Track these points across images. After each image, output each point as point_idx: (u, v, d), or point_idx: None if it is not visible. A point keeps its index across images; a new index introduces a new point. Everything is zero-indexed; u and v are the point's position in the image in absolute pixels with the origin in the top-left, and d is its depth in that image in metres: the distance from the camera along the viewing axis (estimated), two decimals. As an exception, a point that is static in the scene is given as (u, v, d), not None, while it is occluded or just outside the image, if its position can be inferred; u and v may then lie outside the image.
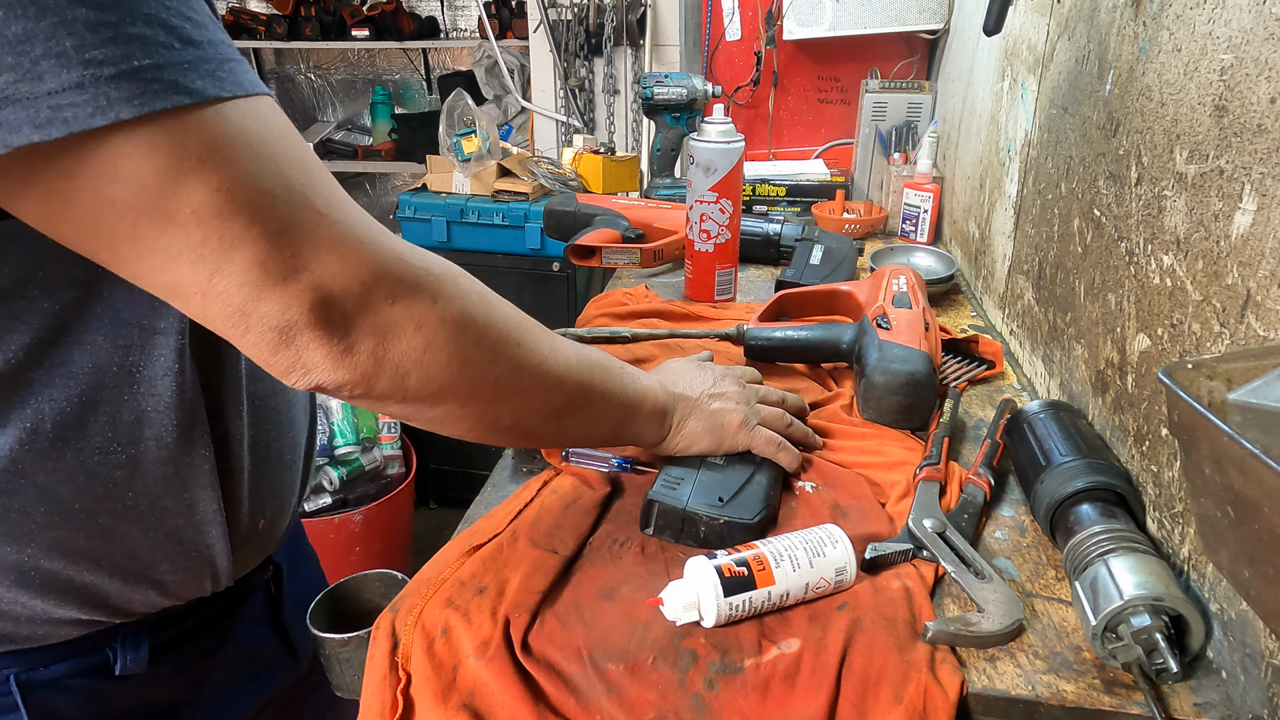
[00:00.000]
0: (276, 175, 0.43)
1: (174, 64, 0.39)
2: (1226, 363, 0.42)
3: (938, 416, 0.84)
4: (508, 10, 3.03)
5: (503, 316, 0.54)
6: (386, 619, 0.59)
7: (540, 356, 0.57)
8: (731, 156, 1.11)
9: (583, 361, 0.61)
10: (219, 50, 0.42)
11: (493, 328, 0.53)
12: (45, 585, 0.54)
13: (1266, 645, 0.52)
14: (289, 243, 0.43)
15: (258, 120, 0.43)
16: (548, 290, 2.24)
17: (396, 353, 0.47)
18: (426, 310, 0.48)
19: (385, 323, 0.46)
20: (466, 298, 0.51)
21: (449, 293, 0.50)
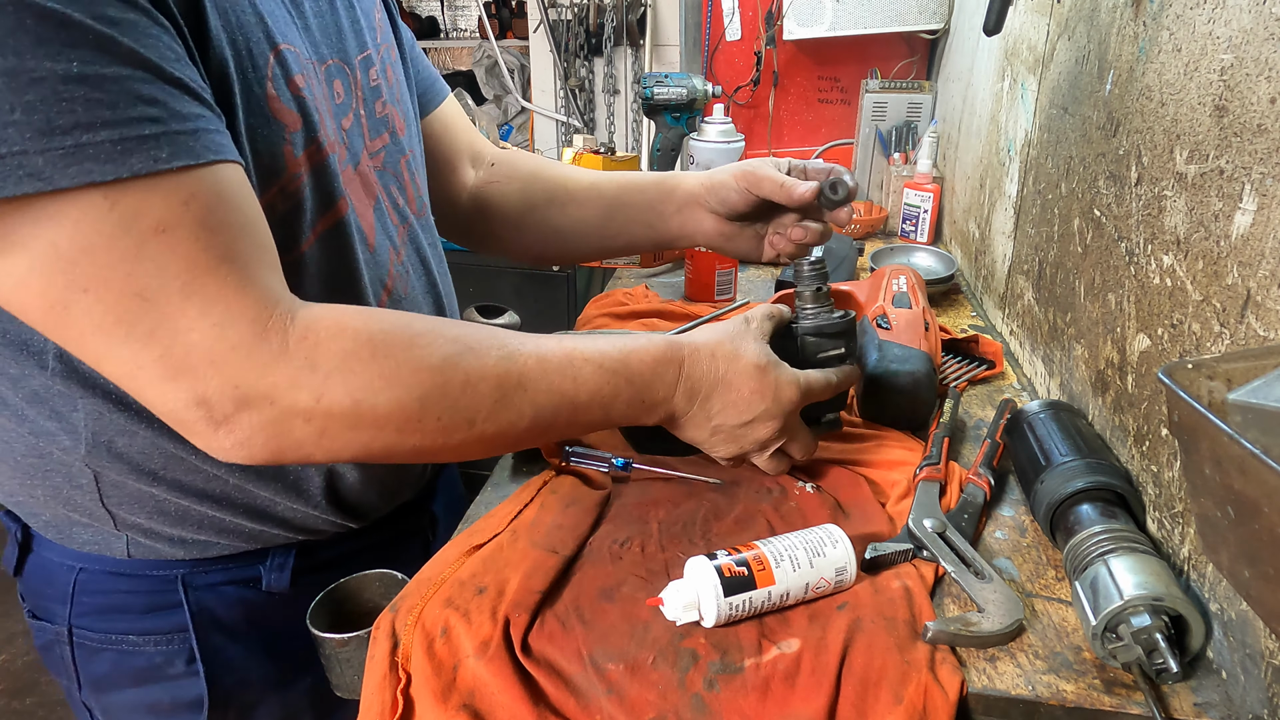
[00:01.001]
0: (148, 278, 0.45)
1: (41, 151, 0.41)
2: (1226, 363, 0.42)
3: (938, 416, 0.84)
4: (508, 10, 3.04)
5: (424, 391, 0.52)
6: (386, 619, 0.59)
7: (482, 424, 0.55)
8: (731, 156, 1.11)
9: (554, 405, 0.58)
10: (106, 130, 0.42)
11: (396, 413, 0.52)
12: (224, 497, 0.64)
13: (1266, 645, 0.52)
14: (166, 352, 0.46)
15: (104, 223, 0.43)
16: (548, 290, 2.24)
17: (292, 440, 0.51)
18: (311, 406, 0.50)
19: (267, 421, 0.49)
20: (359, 380, 0.50)
21: (334, 383, 0.50)
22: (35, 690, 2.05)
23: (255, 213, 0.50)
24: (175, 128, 0.44)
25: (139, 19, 0.44)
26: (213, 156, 0.46)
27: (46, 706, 2.01)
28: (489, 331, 0.57)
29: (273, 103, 0.55)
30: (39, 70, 0.40)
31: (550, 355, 0.58)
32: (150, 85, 0.44)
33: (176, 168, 0.44)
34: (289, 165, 0.57)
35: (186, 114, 0.45)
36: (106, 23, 0.42)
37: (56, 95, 0.40)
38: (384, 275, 0.69)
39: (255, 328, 0.48)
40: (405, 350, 0.52)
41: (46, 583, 0.69)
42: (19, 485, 0.65)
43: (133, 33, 0.43)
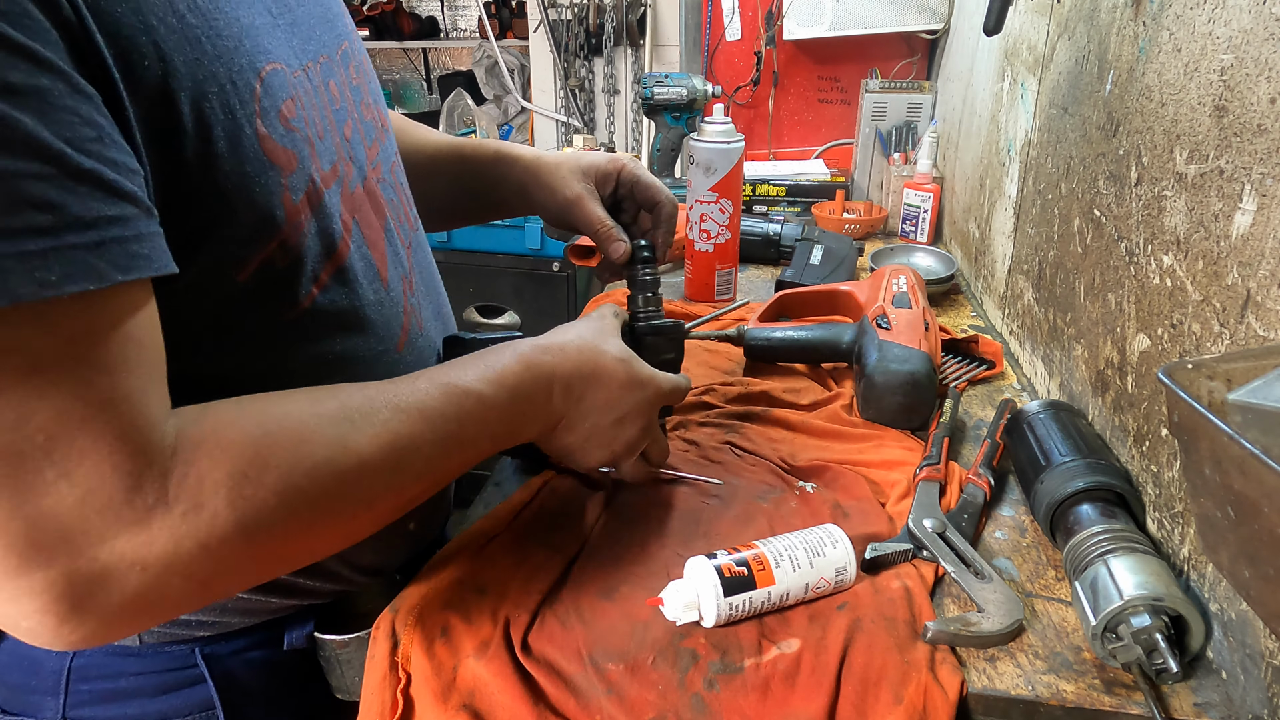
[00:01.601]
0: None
1: None
2: (1226, 363, 0.42)
3: (938, 416, 0.84)
4: (508, 10, 3.04)
5: (323, 487, 0.46)
6: (386, 619, 0.59)
7: (379, 499, 0.51)
8: (731, 156, 1.11)
9: (444, 450, 0.54)
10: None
11: (295, 515, 0.46)
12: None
13: (1266, 645, 0.52)
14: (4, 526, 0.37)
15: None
16: (548, 290, 2.24)
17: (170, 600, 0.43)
18: (192, 551, 0.41)
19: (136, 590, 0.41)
20: (250, 503, 0.43)
21: (222, 518, 0.42)
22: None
23: (154, 336, 0.41)
24: (72, 240, 0.35)
25: (53, 85, 0.35)
26: (120, 276, 0.36)
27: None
28: (369, 394, 0.51)
29: (265, 142, 0.47)
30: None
31: (433, 404, 0.53)
32: (46, 184, 0.34)
33: (68, 294, 0.35)
34: (289, 214, 0.49)
35: (92, 219, 0.36)
36: (4, 94, 0.33)
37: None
38: (400, 314, 0.62)
39: (128, 482, 0.39)
40: (292, 450, 0.45)
41: (29, 673, 0.59)
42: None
43: (38, 107, 0.34)
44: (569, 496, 0.73)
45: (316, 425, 0.47)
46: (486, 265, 2.23)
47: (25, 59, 0.34)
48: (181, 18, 0.42)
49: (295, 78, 0.51)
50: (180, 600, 0.44)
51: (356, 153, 0.59)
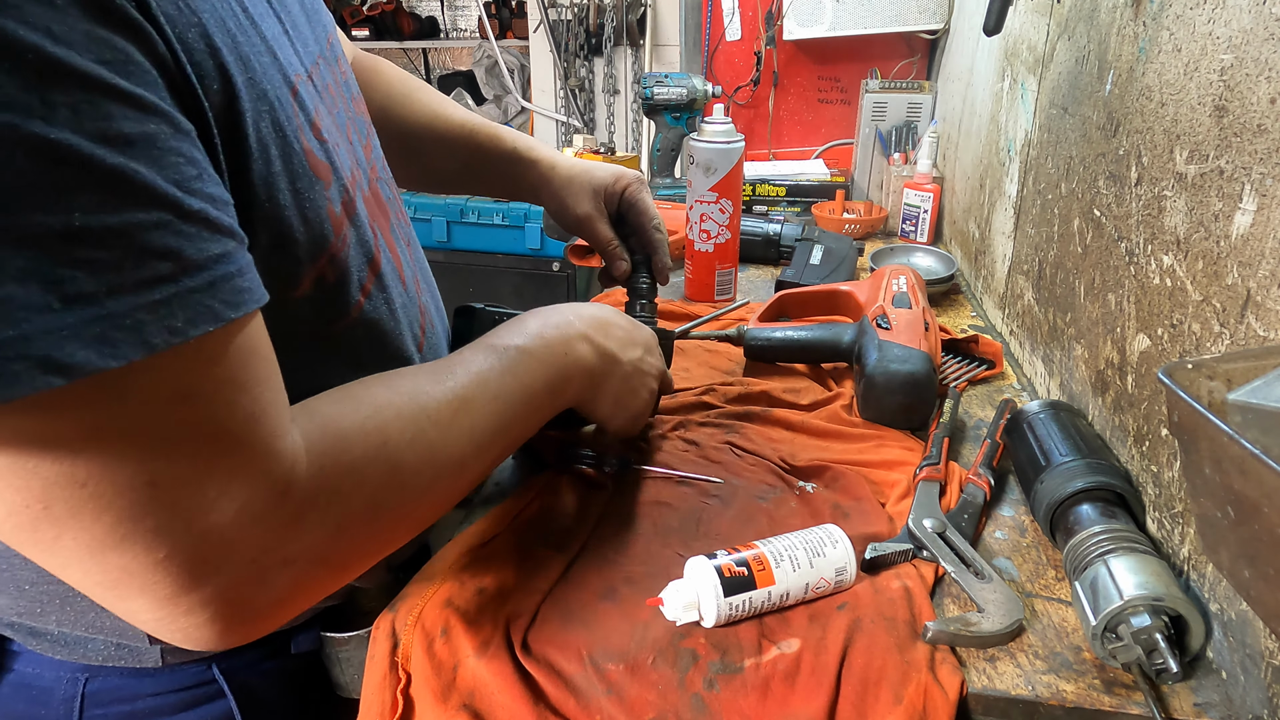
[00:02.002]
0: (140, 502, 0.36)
1: (46, 333, 0.31)
2: (1226, 363, 0.42)
3: (938, 416, 0.84)
4: (508, 10, 3.04)
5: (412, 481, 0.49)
6: (386, 619, 0.59)
7: (469, 467, 0.54)
8: (731, 156, 1.11)
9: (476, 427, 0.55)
10: (109, 302, 0.33)
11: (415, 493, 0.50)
12: None
13: (1266, 645, 0.52)
14: (171, 548, 0.38)
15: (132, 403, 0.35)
16: (548, 290, 2.24)
17: (315, 588, 0.46)
18: (328, 542, 0.45)
19: (290, 578, 0.43)
20: (376, 499, 0.47)
21: (355, 517, 0.46)
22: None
23: (269, 349, 0.43)
24: (189, 284, 0.36)
25: (159, 129, 0.35)
26: (234, 314, 0.37)
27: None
28: (432, 369, 0.54)
29: (309, 157, 0.47)
30: (32, 227, 0.31)
31: (481, 363, 0.56)
32: (164, 231, 0.35)
33: (194, 336, 0.36)
34: (334, 226, 0.50)
35: (204, 260, 0.36)
36: (119, 146, 0.33)
37: (54, 260, 0.32)
38: (418, 314, 0.63)
39: (279, 488, 0.41)
40: (396, 427, 0.48)
41: (36, 703, 0.57)
42: (18, 612, 0.55)
43: (149, 154, 0.34)
44: (569, 496, 0.73)
45: (396, 399, 0.49)
46: (486, 265, 2.23)
47: (134, 107, 0.34)
48: (234, 37, 0.42)
49: (309, 87, 0.51)
50: (324, 587, 0.46)
51: (359, 155, 0.59)
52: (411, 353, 0.61)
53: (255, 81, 0.43)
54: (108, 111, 0.33)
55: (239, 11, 0.43)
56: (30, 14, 0.30)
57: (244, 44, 0.42)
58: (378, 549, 0.50)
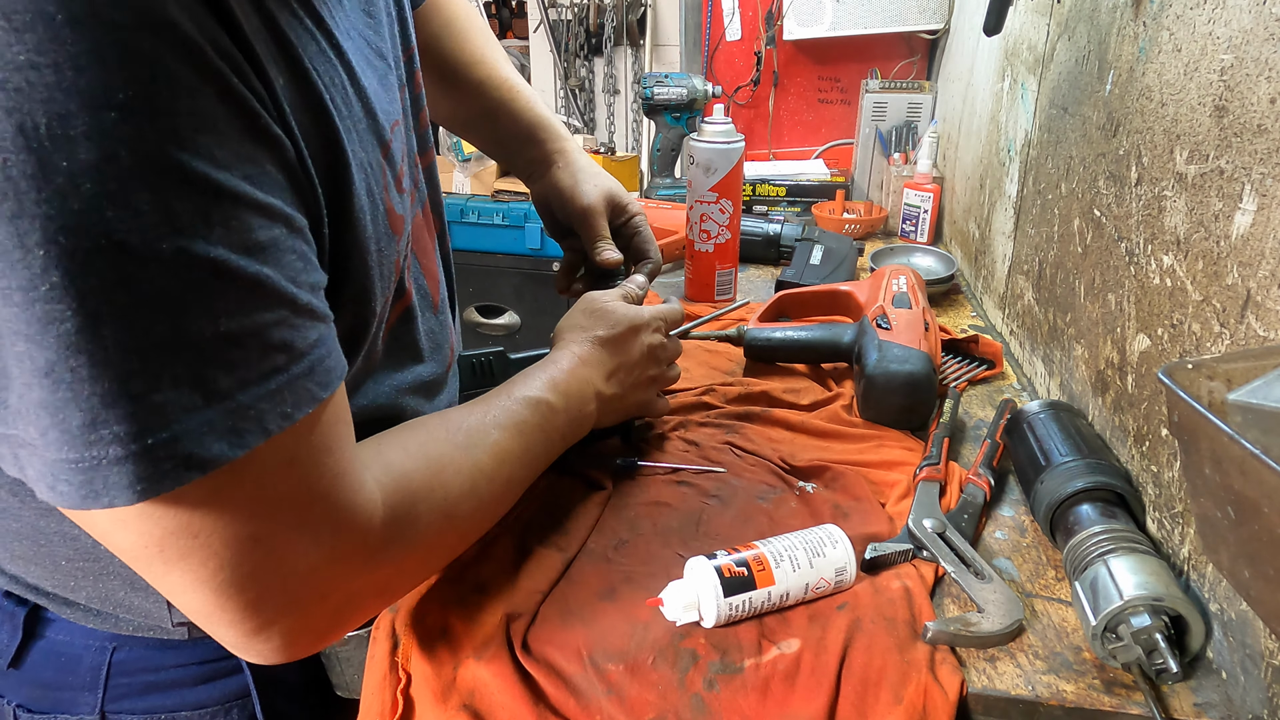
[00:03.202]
0: (257, 559, 0.41)
1: (191, 431, 0.35)
2: (1226, 363, 0.42)
3: (938, 416, 0.84)
4: (508, 10, 3.04)
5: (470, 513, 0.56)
6: (386, 619, 0.59)
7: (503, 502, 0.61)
8: (731, 156, 1.11)
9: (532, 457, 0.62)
10: (240, 394, 0.37)
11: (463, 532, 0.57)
12: None
13: (1266, 645, 0.52)
14: (265, 591, 0.43)
15: (259, 482, 0.40)
16: (548, 290, 2.24)
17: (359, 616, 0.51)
18: (401, 579, 0.53)
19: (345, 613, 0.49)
20: (439, 545, 0.54)
21: (428, 556, 0.53)
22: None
23: (349, 413, 0.47)
24: (297, 371, 0.40)
25: (281, 232, 0.39)
26: (325, 394, 0.42)
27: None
28: (479, 418, 0.59)
29: (390, 216, 0.50)
30: (190, 335, 0.35)
31: (523, 418, 0.61)
32: (283, 329, 0.39)
33: (299, 417, 0.40)
34: (396, 274, 0.54)
35: (307, 347, 0.40)
36: (256, 255, 0.37)
37: (203, 363, 0.36)
38: (448, 336, 0.67)
39: (358, 537, 0.46)
40: (449, 478, 0.53)
41: (65, 670, 0.61)
42: (53, 584, 0.59)
43: (274, 257, 0.38)
44: (569, 496, 0.73)
45: (455, 454, 0.55)
46: (486, 265, 2.23)
47: (265, 216, 0.37)
48: (344, 118, 0.45)
49: (400, 130, 0.54)
50: (377, 611, 0.54)
51: (418, 175, 0.61)
52: (441, 374, 0.66)
53: (357, 153, 0.46)
54: (248, 224, 0.36)
55: (346, 82, 0.46)
56: (201, 144, 0.34)
57: (348, 118, 0.45)
58: (426, 577, 0.58)
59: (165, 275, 0.34)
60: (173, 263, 0.34)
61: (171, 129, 0.33)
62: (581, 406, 0.67)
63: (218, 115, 0.35)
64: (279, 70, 0.40)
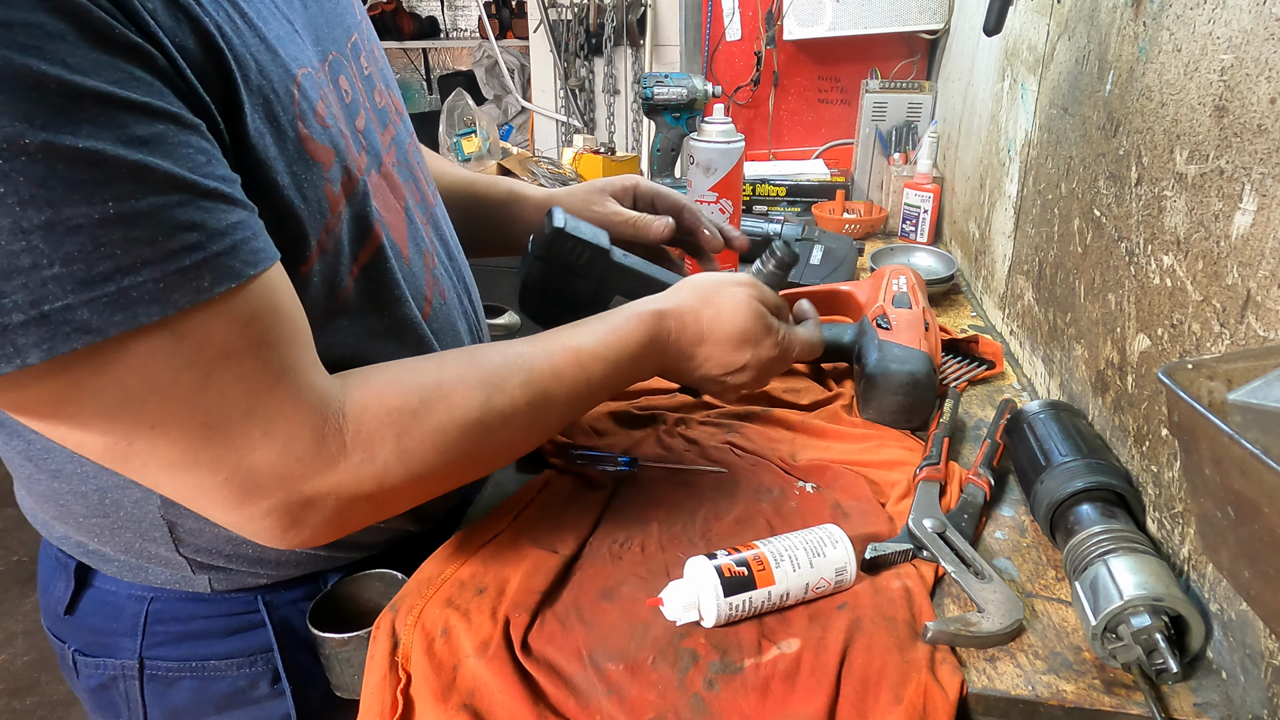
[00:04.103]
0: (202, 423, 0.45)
1: (89, 302, 0.39)
2: (1226, 363, 0.42)
3: (938, 416, 0.84)
4: (508, 10, 3.04)
5: (471, 445, 0.55)
6: (386, 619, 0.59)
7: (519, 441, 0.60)
8: (731, 156, 1.11)
9: (572, 401, 0.61)
10: (148, 269, 0.40)
11: (452, 465, 0.55)
12: None
13: (1266, 645, 0.52)
14: (231, 475, 0.47)
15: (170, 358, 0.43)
16: (548, 290, 2.24)
17: (356, 520, 0.53)
18: (372, 491, 0.52)
19: (331, 514, 0.51)
20: (414, 456, 0.53)
21: (392, 467, 0.52)
22: (35, 690, 2.05)
23: (297, 309, 0.50)
24: (214, 249, 0.43)
25: (167, 129, 0.41)
26: (252, 270, 0.44)
27: (46, 706, 2.01)
28: (506, 358, 0.59)
29: (307, 143, 0.53)
30: (75, 218, 0.38)
31: (563, 367, 0.60)
32: (186, 208, 0.42)
33: (222, 291, 0.43)
34: (331, 206, 0.56)
35: (224, 228, 0.43)
36: (137, 145, 0.40)
37: (95, 241, 0.39)
38: (422, 288, 0.68)
39: (315, 436, 0.49)
40: (446, 412, 0.54)
41: (110, 617, 0.67)
42: (84, 537, 0.64)
43: (163, 149, 0.41)
44: (569, 496, 0.73)
45: (464, 389, 0.55)
46: (487, 265, 2.23)
47: (143, 113, 0.40)
48: (229, 41, 0.47)
49: (319, 78, 0.57)
50: (368, 517, 0.54)
51: (370, 141, 0.63)
52: (417, 319, 0.65)
53: (251, 78, 0.48)
54: (122, 120, 0.40)
55: (236, 17, 0.49)
56: (49, 51, 0.37)
57: (238, 45, 0.48)
58: (420, 500, 0.56)
59: (36, 166, 0.37)
60: (42, 154, 0.37)
61: (12, 40, 0.36)
62: (632, 374, 0.65)
63: (61, 28, 0.38)
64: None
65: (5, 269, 0.37)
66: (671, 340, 0.66)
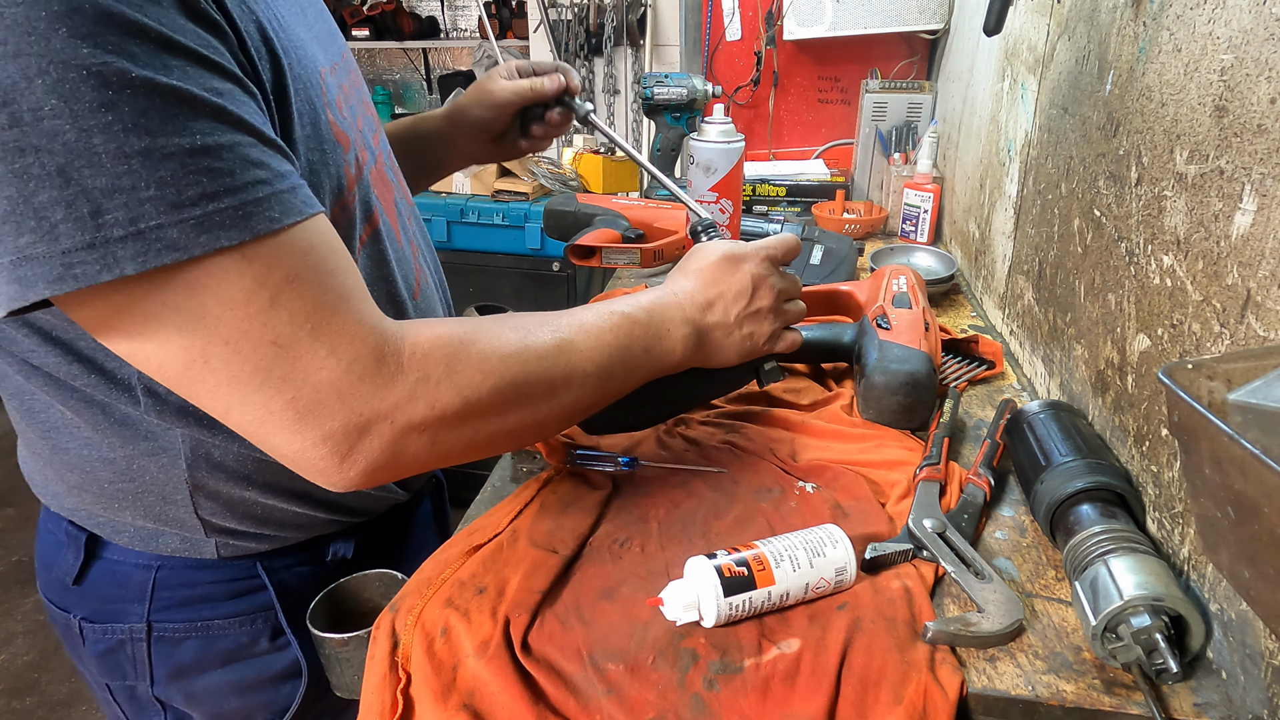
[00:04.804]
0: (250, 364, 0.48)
1: (181, 222, 0.44)
2: (1226, 363, 0.42)
3: (938, 416, 0.84)
4: (508, 10, 3.04)
5: (513, 373, 0.58)
6: (386, 619, 0.59)
7: (559, 388, 0.61)
8: (731, 156, 1.11)
9: (606, 357, 0.64)
10: (228, 198, 0.45)
11: (495, 399, 0.57)
12: (305, 494, 0.70)
13: (1266, 645, 0.52)
14: (298, 393, 0.50)
15: (245, 280, 0.47)
16: (548, 290, 2.24)
17: (409, 454, 0.55)
18: (426, 415, 0.54)
19: (387, 442, 0.53)
20: (464, 379, 0.55)
21: (445, 388, 0.55)
22: (35, 690, 2.05)
23: (347, 253, 0.54)
24: (280, 187, 0.48)
25: (234, 89, 0.48)
26: (311, 211, 0.50)
27: (46, 706, 2.01)
28: (533, 315, 0.63)
29: (333, 128, 0.60)
30: (169, 146, 0.43)
31: (587, 319, 0.64)
32: (256, 149, 0.47)
33: (288, 224, 0.48)
34: (348, 183, 0.62)
35: (284, 172, 0.49)
36: (215, 94, 0.46)
37: (184, 169, 0.44)
38: (410, 273, 0.74)
39: (376, 355, 0.52)
40: (489, 343, 0.57)
41: (118, 585, 0.71)
42: (102, 508, 0.67)
43: (234, 101, 0.47)
44: (569, 496, 0.73)
45: (502, 331, 0.59)
46: (486, 265, 2.23)
47: (219, 72, 0.47)
48: (278, 33, 0.54)
49: (333, 78, 0.64)
50: (419, 453, 0.55)
51: (368, 140, 0.70)
52: (405, 298, 0.72)
53: (293, 65, 0.55)
54: (202, 73, 0.46)
55: (279, 16, 0.56)
56: (150, 11, 0.44)
57: (284, 38, 0.55)
58: (467, 442, 0.58)
59: (138, 98, 0.42)
60: (143, 88, 0.42)
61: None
62: (665, 327, 0.68)
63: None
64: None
65: (109, 188, 0.42)
66: (678, 284, 0.71)
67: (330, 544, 0.76)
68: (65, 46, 0.40)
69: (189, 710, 0.76)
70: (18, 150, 0.41)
